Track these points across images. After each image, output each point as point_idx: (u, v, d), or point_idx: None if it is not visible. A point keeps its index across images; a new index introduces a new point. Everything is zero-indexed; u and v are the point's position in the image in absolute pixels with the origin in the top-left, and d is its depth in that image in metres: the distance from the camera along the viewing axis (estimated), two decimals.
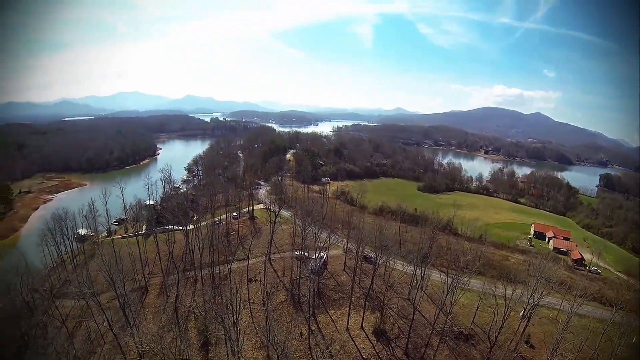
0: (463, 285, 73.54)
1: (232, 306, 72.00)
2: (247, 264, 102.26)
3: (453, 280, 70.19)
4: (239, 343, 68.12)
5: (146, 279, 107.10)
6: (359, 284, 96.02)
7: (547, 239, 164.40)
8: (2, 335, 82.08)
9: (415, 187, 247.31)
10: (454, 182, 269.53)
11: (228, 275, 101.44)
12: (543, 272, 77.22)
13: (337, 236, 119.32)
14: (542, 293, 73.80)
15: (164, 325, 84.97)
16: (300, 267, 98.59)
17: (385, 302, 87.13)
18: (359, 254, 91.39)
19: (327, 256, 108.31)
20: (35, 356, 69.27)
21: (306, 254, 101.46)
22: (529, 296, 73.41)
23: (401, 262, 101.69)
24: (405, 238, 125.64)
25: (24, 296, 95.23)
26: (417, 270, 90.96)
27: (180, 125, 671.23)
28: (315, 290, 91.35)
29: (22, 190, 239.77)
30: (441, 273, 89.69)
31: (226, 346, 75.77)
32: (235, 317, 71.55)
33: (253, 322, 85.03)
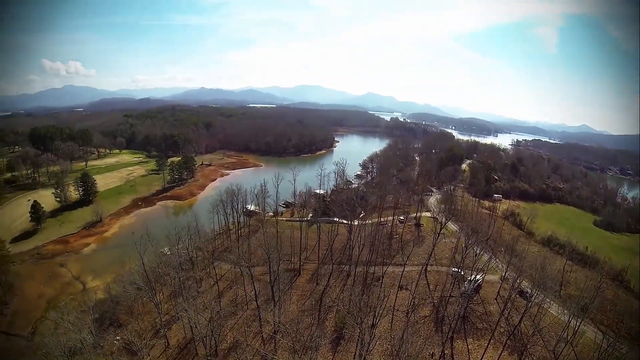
0: (623, 356, 74.62)
1: (376, 309, 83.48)
2: (402, 270, 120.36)
3: (609, 345, 71.94)
4: (369, 347, 79.53)
5: (301, 263, 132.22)
6: (507, 318, 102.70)
7: None
8: (162, 277, 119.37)
9: (591, 221, 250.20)
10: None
11: (381, 278, 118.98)
12: None
13: (497, 260, 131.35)
14: None
15: (305, 310, 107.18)
16: (453, 286, 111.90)
17: (528, 347, 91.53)
18: (515, 286, 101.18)
19: (482, 280, 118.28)
20: (186, 302, 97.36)
21: (462, 273, 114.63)
22: None
23: (557, 306, 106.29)
24: (568, 279, 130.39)
25: (189, 251, 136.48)
26: (572, 320, 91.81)
27: (360, 121, 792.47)
28: (461, 313, 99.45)
29: (204, 163, 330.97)
30: (599, 332, 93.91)
31: (356, 347, 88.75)
32: (375, 320, 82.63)
33: (390, 329, 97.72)
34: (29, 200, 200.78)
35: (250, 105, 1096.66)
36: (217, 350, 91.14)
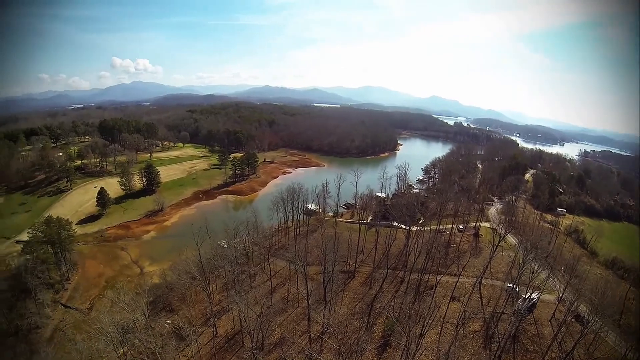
0: None
1: (425, 319, 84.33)
2: (456, 281, 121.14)
3: None
4: (414, 357, 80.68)
5: (356, 266, 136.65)
6: (560, 343, 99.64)
7: None
8: (217, 269, 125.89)
9: None
10: None
11: (434, 287, 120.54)
12: None
13: (555, 280, 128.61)
14: None
15: (355, 313, 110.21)
16: (506, 302, 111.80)
17: None
18: (571, 309, 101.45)
19: (537, 299, 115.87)
20: (238, 295, 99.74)
21: (517, 289, 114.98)
22: None
23: (615, 335, 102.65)
24: (629, 307, 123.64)
25: (245, 245, 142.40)
26: (629, 354, 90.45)
27: (423, 125, 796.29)
28: (512, 332, 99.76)
29: (266, 160, 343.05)
30: None
31: (401, 355, 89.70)
32: (423, 330, 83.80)
33: (438, 341, 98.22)
34: (96, 186, 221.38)
35: (315, 104, 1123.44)
36: (264, 344, 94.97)
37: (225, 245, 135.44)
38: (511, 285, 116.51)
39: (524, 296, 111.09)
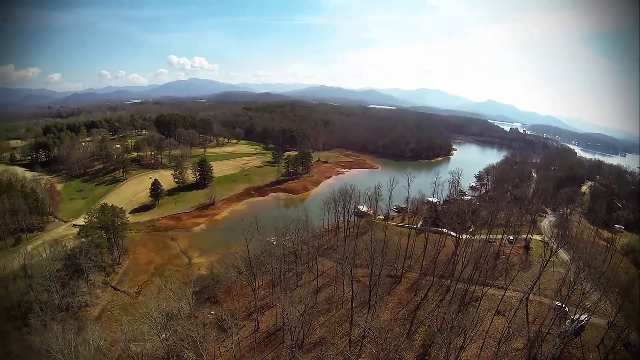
0: None
1: (467, 332, 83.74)
2: (503, 294, 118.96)
3: None
4: None
5: (403, 271, 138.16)
6: None
7: None
8: (264, 265, 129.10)
9: None
10: None
11: (479, 299, 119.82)
12: None
13: (607, 302, 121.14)
14: None
15: (398, 319, 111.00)
16: (553, 321, 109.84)
17: None
18: (622, 336, 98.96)
19: (586, 322, 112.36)
20: (283, 292, 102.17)
21: (566, 309, 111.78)
22: None
23: None
24: None
25: (294, 244, 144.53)
26: None
27: (478, 130, 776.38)
28: (557, 355, 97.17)
29: (320, 159, 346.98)
30: None
31: None
32: (464, 343, 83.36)
33: (478, 356, 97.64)
34: (150, 178, 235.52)
35: (370, 105, 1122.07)
36: (303, 343, 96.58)
37: (274, 242, 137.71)
38: (560, 304, 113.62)
39: (572, 317, 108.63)
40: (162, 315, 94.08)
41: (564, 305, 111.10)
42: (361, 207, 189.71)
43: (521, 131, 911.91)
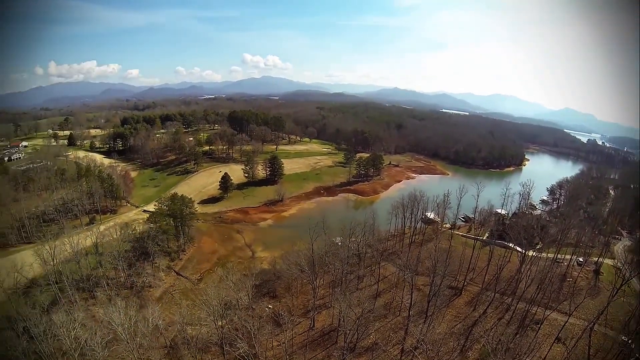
0: None
1: (523, 357, 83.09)
2: (566, 320, 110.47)
3: None
4: None
5: (465, 283, 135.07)
6: None
7: None
8: (327, 265, 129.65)
9: None
10: None
11: (540, 322, 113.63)
12: None
13: None
14: None
15: (453, 333, 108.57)
16: (617, 358, 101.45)
17: None
18: None
19: None
20: (342, 294, 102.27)
21: (632, 346, 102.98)
22: None
23: None
24: None
25: (359, 246, 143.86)
26: None
27: (553, 140, 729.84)
28: None
29: (391, 162, 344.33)
30: None
31: None
32: None
33: None
34: (220, 171, 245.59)
35: (443, 110, 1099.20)
36: (356, 346, 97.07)
37: (339, 243, 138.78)
38: (626, 339, 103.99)
39: (637, 355, 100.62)
40: (221, 303, 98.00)
41: (630, 342, 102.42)
42: (429, 214, 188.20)
43: (599, 143, 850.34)
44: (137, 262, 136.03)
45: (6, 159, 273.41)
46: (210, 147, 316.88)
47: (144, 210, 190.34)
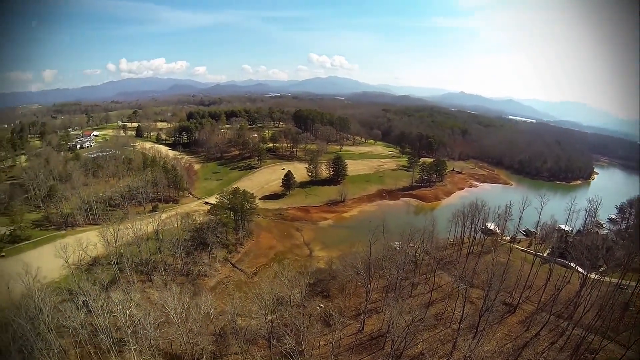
0: None
1: None
2: (623, 353, 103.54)
3: None
4: None
5: (520, 301, 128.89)
6: None
7: None
8: (382, 270, 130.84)
9: None
10: None
11: (595, 353, 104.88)
12: None
13: None
14: None
15: (502, 353, 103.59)
16: None
17: None
18: None
19: None
20: (395, 300, 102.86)
21: None
22: None
23: None
24: None
25: (417, 253, 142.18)
26: None
27: (625, 153, 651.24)
28: None
29: (454, 169, 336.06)
30: None
31: None
32: None
33: None
34: (284, 169, 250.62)
35: (509, 117, 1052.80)
36: (402, 354, 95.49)
37: (397, 248, 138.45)
38: None
39: None
40: (273, 298, 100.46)
41: None
42: (489, 225, 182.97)
43: None
44: (194, 251, 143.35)
45: (79, 146, 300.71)
46: (275, 144, 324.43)
47: (205, 202, 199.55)
